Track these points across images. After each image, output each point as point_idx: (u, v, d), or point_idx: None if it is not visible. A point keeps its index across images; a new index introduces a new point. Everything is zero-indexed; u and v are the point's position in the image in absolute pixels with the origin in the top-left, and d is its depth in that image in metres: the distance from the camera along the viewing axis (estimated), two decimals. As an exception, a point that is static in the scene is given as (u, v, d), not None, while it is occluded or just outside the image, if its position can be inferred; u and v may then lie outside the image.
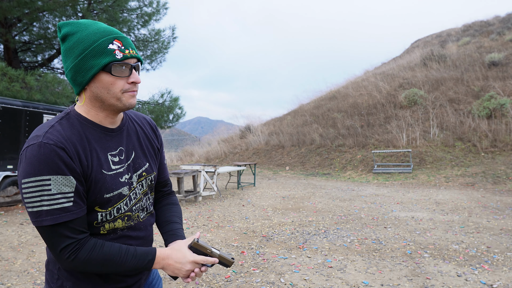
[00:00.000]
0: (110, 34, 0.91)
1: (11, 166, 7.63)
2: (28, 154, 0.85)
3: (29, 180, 0.83)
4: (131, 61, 0.92)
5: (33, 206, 0.84)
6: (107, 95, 0.91)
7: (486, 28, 24.72)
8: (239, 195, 8.96)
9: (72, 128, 0.91)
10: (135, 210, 1.02)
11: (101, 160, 0.95)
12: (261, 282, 3.26)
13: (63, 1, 9.49)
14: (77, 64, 0.89)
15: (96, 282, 0.97)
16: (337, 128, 17.05)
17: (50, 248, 0.88)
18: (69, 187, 0.86)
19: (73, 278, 0.96)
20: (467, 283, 3.24)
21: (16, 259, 3.81)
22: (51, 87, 9.24)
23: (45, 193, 0.84)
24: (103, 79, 0.89)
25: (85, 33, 0.89)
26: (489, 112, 13.68)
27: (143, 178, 1.05)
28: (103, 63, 0.88)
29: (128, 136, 1.04)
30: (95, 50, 0.88)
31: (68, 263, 0.88)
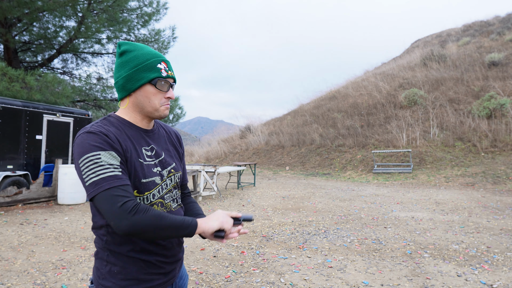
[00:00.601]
0: (159, 56, 1.15)
1: (11, 166, 7.63)
2: (78, 140, 1.05)
3: (83, 158, 1.02)
4: (170, 80, 1.15)
5: (91, 177, 1.00)
6: (148, 104, 1.14)
7: (486, 28, 24.72)
8: (239, 195, 8.96)
9: (112, 125, 1.12)
10: (167, 199, 1.18)
11: (137, 151, 1.13)
12: (261, 282, 3.26)
13: (63, 1, 9.48)
14: (130, 74, 1.12)
15: (140, 267, 1.11)
16: (337, 128, 17.05)
17: (111, 210, 0.98)
18: (116, 160, 1.04)
19: (120, 262, 1.09)
20: (467, 283, 3.24)
21: (16, 259, 3.81)
22: (51, 87, 9.24)
23: (98, 165, 1.01)
24: (148, 90, 1.13)
25: (140, 52, 1.14)
26: (489, 112, 13.67)
27: (171, 174, 1.22)
28: (152, 77, 1.11)
29: (158, 138, 1.24)
30: (147, 66, 1.12)
31: (130, 217, 0.98)
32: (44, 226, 5.35)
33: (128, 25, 12.23)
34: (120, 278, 1.09)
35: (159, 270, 1.15)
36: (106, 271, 1.11)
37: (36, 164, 8.20)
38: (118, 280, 1.09)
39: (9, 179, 7.29)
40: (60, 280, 3.25)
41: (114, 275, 1.10)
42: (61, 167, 7.35)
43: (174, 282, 1.23)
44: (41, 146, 8.34)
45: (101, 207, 1.00)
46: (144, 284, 1.11)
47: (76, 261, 3.78)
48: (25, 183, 7.63)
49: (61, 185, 7.29)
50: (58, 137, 8.78)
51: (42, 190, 7.42)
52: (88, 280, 3.25)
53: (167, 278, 1.18)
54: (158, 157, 1.19)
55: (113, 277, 1.10)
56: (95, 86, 13.09)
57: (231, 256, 4.02)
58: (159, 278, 1.15)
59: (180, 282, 1.29)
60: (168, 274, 1.19)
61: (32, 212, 6.41)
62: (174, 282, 1.23)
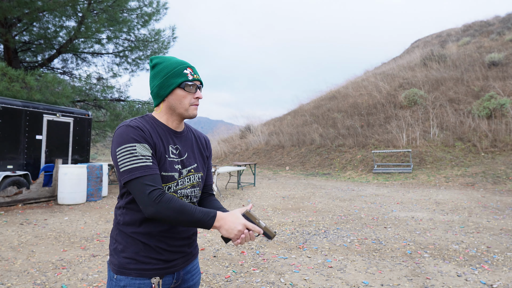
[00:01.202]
0: (185, 64, 1.30)
1: (11, 166, 7.63)
2: (118, 132, 1.20)
3: (121, 147, 1.17)
4: (197, 82, 1.30)
5: (126, 165, 1.16)
6: (179, 106, 1.28)
7: (486, 28, 24.72)
8: (239, 195, 8.96)
9: (147, 122, 1.27)
10: (179, 194, 1.29)
11: (165, 147, 1.27)
12: (261, 282, 3.26)
13: (63, 1, 9.48)
14: (162, 82, 1.28)
15: (139, 247, 1.23)
16: (337, 128, 17.04)
17: (141, 196, 1.14)
18: (148, 152, 1.19)
19: (123, 241, 1.24)
20: (467, 283, 3.24)
21: (16, 259, 3.81)
22: (51, 87, 9.23)
23: (133, 155, 1.16)
24: (178, 93, 1.27)
25: (168, 62, 1.30)
26: (489, 112, 13.67)
27: (191, 173, 1.34)
28: (180, 81, 1.26)
29: (185, 140, 1.37)
30: (175, 73, 1.27)
31: (155, 205, 1.12)
32: (44, 226, 5.35)
33: (128, 25, 12.22)
34: (122, 256, 1.23)
35: (157, 256, 1.24)
36: (113, 248, 1.27)
37: (36, 164, 8.20)
38: (120, 258, 1.23)
39: (9, 179, 7.29)
40: (60, 280, 3.25)
41: (117, 253, 1.24)
42: (61, 167, 7.35)
43: (176, 272, 1.30)
44: (41, 146, 8.34)
45: (133, 191, 1.16)
46: (141, 265, 1.22)
47: (76, 261, 3.78)
48: (25, 183, 7.63)
49: (61, 185, 7.29)
50: (58, 137, 8.78)
51: (42, 190, 7.41)
52: None
53: (166, 266, 1.26)
54: (181, 156, 1.32)
55: (116, 254, 1.24)
56: (95, 86, 13.08)
57: (231, 256, 4.02)
58: (157, 263, 1.24)
59: (187, 276, 1.35)
60: (167, 262, 1.26)
61: (32, 212, 6.41)
62: (177, 273, 1.30)
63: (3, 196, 6.77)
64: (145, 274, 1.22)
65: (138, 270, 1.21)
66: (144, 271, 1.22)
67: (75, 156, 9.31)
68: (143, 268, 1.22)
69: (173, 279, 1.29)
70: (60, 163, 7.64)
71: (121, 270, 1.22)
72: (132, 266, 1.21)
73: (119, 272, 1.22)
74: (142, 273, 1.21)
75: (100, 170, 7.99)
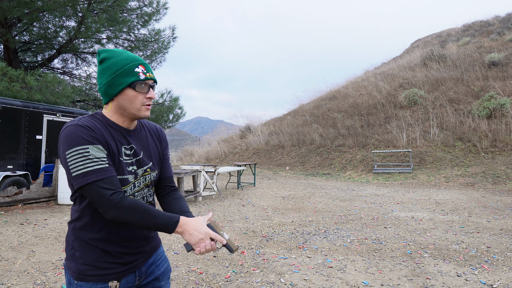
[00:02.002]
0: (136, 60, 1.20)
1: (11, 166, 7.63)
2: (66, 132, 1.11)
3: (72, 150, 1.09)
4: (149, 81, 1.21)
5: (79, 169, 1.08)
6: (130, 106, 1.20)
7: (486, 28, 24.72)
8: (239, 195, 8.96)
9: (97, 121, 1.19)
10: (136, 196, 1.24)
11: (118, 148, 1.20)
12: (261, 282, 3.26)
13: (63, 1, 9.48)
14: (110, 80, 1.18)
15: (99, 254, 1.18)
16: (337, 128, 17.04)
17: (100, 200, 1.08)
18: (103, 153, 1.12)
19: (81, 248, 1.19)
20: (467, 283, 3.24)
21: (16, 259, 3.81)
22: (51, 87, 9.23)
23: (87, 158, 1.09)
24: (128, 93, 1.18)
25: (118, 58, 1.20)
26: (489, 112, 13.67)
27: (147, 173, 1.29)
28: (130, 81, 1.17)
29: (139, 139, 1.30)
30: (125, 71, 1.17)
31: (117, 208, 1.08)
32: (44, 226, 5.35)
33: (128, 25, 12.23)
34: (81, 262, 1.18)
35: (117, 260, 1.21)
36: (70, 254, 1.21)
37: (36, 164, 8.21)
38: (79, 264, 1.18)
39: (9, 179, 7.29)
40: (60, 280, 3.25)
41: (76, 259, 1.19)
42: (61, 167, 7.36)
43: (138, 270, 1.28)
44: (41, 146, 8.34)
45: (90, 196, 1.09)
46: (101, 271, 1.18)
47: (76, 261, 3.78)
48: (25, 183, 7.63)
49: (61, 185, 7.29)
50: (58, 137, 8.77)
51: (42, 190, 7.42)
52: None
53: (126, 268, 1.23)
54: (136, 156, 1.25)
55: (75, 261, 1.19)
56: (95, 86, 13.09)
57: (231, 256, 4.02)
58: (117, 267, 1.21)
59: (151, 268, 1.33)
60: (127, 264, 1.23)
61: (32, 212, 6.41)
62: (138, 270, 1.28)
63: (3, 196, 6.77)
64: (105, 279, 1.19)
65: (97, 276, 1.18)
66: (103, 276, 1.19)
67: (75, 156, 9.30)
68: (104, 274, 1.18)
69: (135, 277, 1.27)
70: (60, 163, 7.64)
71: (81, 276, 1.18)
72: (91, 272, 1.17)
73: (79, 279, 1.18)
74: (102, 278, 1.18)
75: (100, 170, 7.98)
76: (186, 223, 1.15)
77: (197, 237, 1.15)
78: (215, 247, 1.17)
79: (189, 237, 1.15)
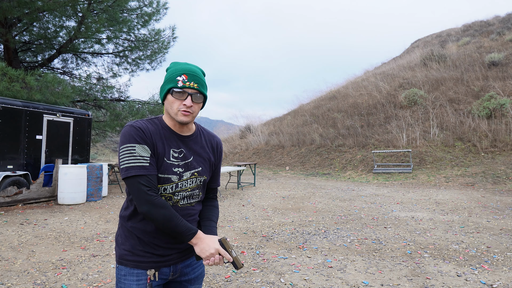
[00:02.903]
0: (183, 70, 1.31)
1: (11, 166, 7.63)
2: (123, 131, 1.28)
3: (123, 146, 1.25)
4: (188, 90, 1.29)
5: (125, 163, 1.23)
6: (170, 111, 1.32)
7: (486, 28, 24.72)
8: (239, 195, 8.96)
9: (153, 124, 1.34)
10: (177, 195, 1.34)
11: (165, 150, 1.32)
12: (261, 282, 3.26)
13: (63, 1, 9.48)
14: (161, 86, 1.35)
15: (136, 242, 1.32)
16: (337, 128, 17.04)
17: (136, 194, 1.22)
18: (147, 153, 1.26)
19: (123, 235, 1.35)
20: (467, 283, 3.24)
21: (16, 259, 3.81)
22: (51, 87, 9.23)
23: (132, 155, 1.24)
24: (168, 98, 1.31)
25: (174, 68, 1.33)
26: (489, 112, 13.67)
27: (194, 177, 1.39)
28: (169, 87, 1.30)
29: (193, 144, 1.41)
30: (169, 78, 1.31)
31: (148, 205, 1.21)
32: (44, 226, 5.35)
33: (128, 25, 12.22)
34: (122, 248, 1.34)
35: (152, 250, 1.32)
36: (116, 240, 1.38)
37: (36, 164, 8.21)
38: (120, 249, 1.34)
39: (9, 179, 7.29)
40: (60, 280, 3.25)
41: (119, 244, 1.36)
42: (61, 167, 7.35)
43: (173, 265, 1.37)
44: (41, 146, 8.34)
45: (129, 188, 1.25)
46: (137, 257, 1.31)
47: (76, 261, 3.78)
48: (25, 183, 7.63)
49: (61, 185, 7.29)
50: (58, 137, 8.78)
51: (42, 190, 7.41)
52: None
53: (161, 259, 1.33)
54: (184, 160, 1.36)
55: (118, 246, 1.36)
56: (95, 86, 13.08)
57: (231, 256, 4.02)
58: (151, 257, 1.32)
59: (186, 269, 1.42)
60: (162, 256, 1.33)
61: (32, 212, 6.41)
62: (173, 266, 1.37)
63: (3, 196, 6.77)
64: (141, 266, 1.31)
65: (134, 262, 1.31)
66: (139, 263, 1.31)
67: (75, 156, 9.31)
68: (139, 261, 1.31)
69: (170, 271, 1.36)
70: (60, 163, 7.64)
71: (120, 260, 1.32)
72: (129, 257, 1.31)
73: (119, 262, 1.33)
74: (138, 264, 1.31)
75: (100, 170, 7.99)
76: (201, 237, 1.28)
77: (208, 251, 1.26)
78: (223, 262, 1.29)
79: (200, 250, 1.27)
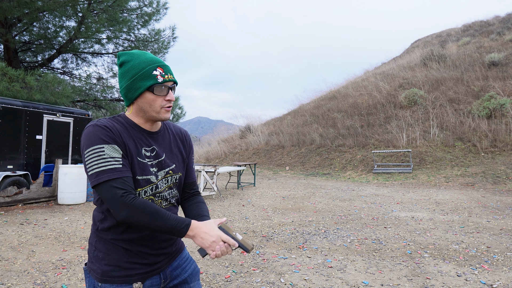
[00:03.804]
0: (155, 62, 1.20)
1: (11, 166, 7.63)
2: (85, 132, 1.14)
3: (89, 149, 1.10)
4: (168, 83, 1.20)
5: (93, 168, 1.09)
6: (149, 109, 1.20)
7: (486, 28, 24.72)
8: (239, 195, 8.96)
9: (118, 122, 1.21)
10: (158, 197, 1.24)
11: (138, 149, 1.21)
12: (261, 282, 3.26)
13: (63, 1, 9.48)
14: (129, 84, 1.19)
15: (122, 255, 1.18)
16: (337, 128, 17.04)
17: (111, 200, 1.08)
18: (118, 153, 1.12)
19: (104, 249, 1.19)
20: (467, 283, 3.24)
21: (16, 259, 3.81)
22: (51, 87, 9.23)
23: (101, 157, 1.10)
24: (147, 97, 1.19)
25: (137, 61, 1.20)
26: (489, 112, 13.67)
27: (169, 175, 1.28)
28: (148, 85, 1.17)
29: (162, 141, 1.30)
30: (143, 74, 1.17)
31: (127, 208, 1.07)
32: (44, 226, 5.35)
33: (128, 25, 12.23)
34: (104, 263, 1.18)
35: (141, 260, 1.20)
36: (93, 256, 1.21)
37: (36, 164, 8.20)
38: (102, 265, 1.18)
39: (9, 179, 7.29)
40: (60, 280, 3.25)
41: (99, 260, 1.19)
42: (61, 167, 7.35)
43: (162, 272, 1.27)
44: (41, 146, 8.34)
45: (102, 195, 1.09)
46: (125, 271, 1.18)
47: (76, 261, 3.78)
48: (25, 183, 7.63)
49: (61, 185, 7.29)
50: (58, 137, 8.78)
51: (42, 190, 7.42)
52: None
53: (151, 269, 1.23)
54: (157, 158, 1.25)
55: (98, 262, 1.19)
56: (95, 86, 13.09)
57: (231, 256, 4.03)
58: (141, 267, 1.20)
59: (176, 272, 1.32)
60: (152, 265, 1.23)
61: (32, 212, 6.41)
62: (163, 272, 1.27)
63: (3, 196, 6.77)
64: (130, 280, 1.18)
65: (122, 277, 1.18)
66: (128, 277, 1.18)
67: (75, 156, 9.31)
68: (128, 274, 1.18)
69: (160, 279, 1.26)
70: (60, 163, 7.64)
71: (105, 278, 1.17)
72: (116, 273, 1.17)
73: (103, 281, 1.17)
74: (127, 279, 1.18)
75: (100, 170, 7.98)
76: (197, 226, 1.14)
77: (209, 240, 1.13)
78: (230, 249, 1.16)
79: (201, 241, 1.14)
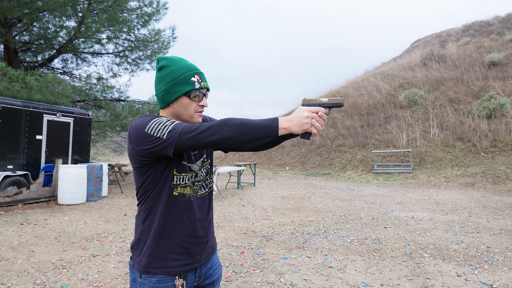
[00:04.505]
0: (193, 70, 1.27)
1: (11, 166, 7.63)
2: (136, 121, 1.17)
3: (149, 124, 1.13)
4: (203, 90, 1.28)
5: (165, 130, 1.12)
6: (184, 113, 1.27)
7: (486, 28, 24.72)
8: (239, 195, 8.96)
9: None
10: (196, 185, 1.30)
11: None
12: (261, 282, 3.26)
13: (63, 1, 9.48)
14: (167, 88, 1.25)
15: (163, 246, 1.22)
16: (337, 128, 17.05)
17: (200, 135, 1.09)
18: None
19: (147, 240, 1.23)
20: (467, 283, 3.24)
21: (16, 259, 3.81)
22: (51, 87, 9.23)
23: (164, 122, 1.14)
24: (183, 101, 1.25)
25: (176, 66, 1.26)
26: (489, 112, 13.67)
27: (205, 163, 1.36)
28: (186, 90, 1.24)
29: None
30: (182, 80, 1.24)
31: (219, 126, 1.08)
32: (44, 226, 5.35)
33: (128, 25, 12.22)
34: (146, 255, 1.22)
35: (181, 250, 1.24)
36: (137, 248, 1.26)
37: (36, 164, 8.20)
38: (145, 257, 1.22)
39: (9, 179, 7.29)
40: (60, 280, 3.25)
41: (142, 252, 1.24)
42: (61, 167, 7.35)
43: (199, 269, 1.30)
44: (41, 146, 8.34)
45: (187, 144, 1.11)
46: (165, 262, 1.22)
47: (76, 261, 3.78)
48: (25, 183, 7.63)
49: (61, 185, 7.29)
50: (58, 137, 8.78)
51: (42, 190, 7.42)
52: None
53: (189, 261, 1.26)
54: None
55: (141, 254, 1.24)
56: (95, 86, 13.08)
57: (231, 256, 4.03)
58: (181, 259, 1.24)
59: (209, 272, 1.35)
60: (191, 256, 1.26)
61: (32, 212, 6.41)
62: (199, 270, 1.30)
63: (3, 196, 6.77)
64: (169, 272, 1.21)
65: (162, 267, 1.21)
66: (168, 268, 1.21)
67: (75, 156, 9.31)
68: (168, 265, 1.22)
69: (195, 277, 1.29)
70: (60, 163, 7.64)
71: (146, 269, 1.21)
72: (156, 264, 1.21)
73: (144, 272, 1.21)
74: (167, 271, 1.21)
75: (100, 170, 7.99)
76: (286, 118, 1.12)
77: (304, 120, 1.12)
78: (324, 116, 1.16)
79: (297, 124, 1.11)
